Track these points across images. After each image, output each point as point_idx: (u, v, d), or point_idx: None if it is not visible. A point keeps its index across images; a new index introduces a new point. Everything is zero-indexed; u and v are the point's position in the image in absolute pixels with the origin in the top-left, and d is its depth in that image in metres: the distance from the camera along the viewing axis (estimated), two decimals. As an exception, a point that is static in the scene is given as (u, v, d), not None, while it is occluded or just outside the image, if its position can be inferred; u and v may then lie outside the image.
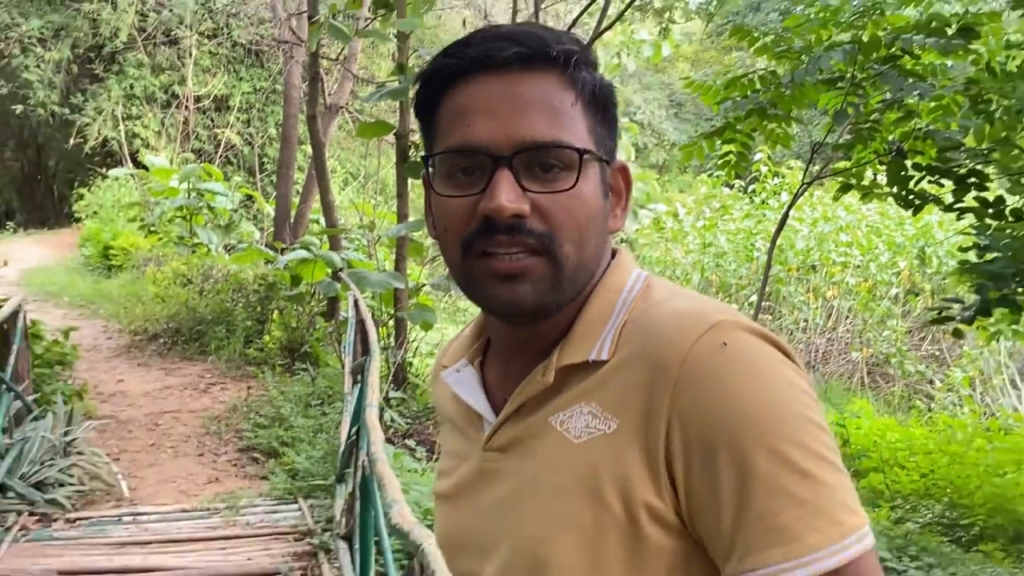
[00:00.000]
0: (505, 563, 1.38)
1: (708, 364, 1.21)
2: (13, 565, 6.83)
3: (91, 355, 12.58)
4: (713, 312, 1.27)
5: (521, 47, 1.33)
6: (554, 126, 1.32)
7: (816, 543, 1.13)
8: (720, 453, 1.18)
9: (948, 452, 11.72)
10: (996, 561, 9.15)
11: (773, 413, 1.19)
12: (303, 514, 7.82)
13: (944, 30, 9.66)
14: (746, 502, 1.16)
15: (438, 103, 1.39)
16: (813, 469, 1.16)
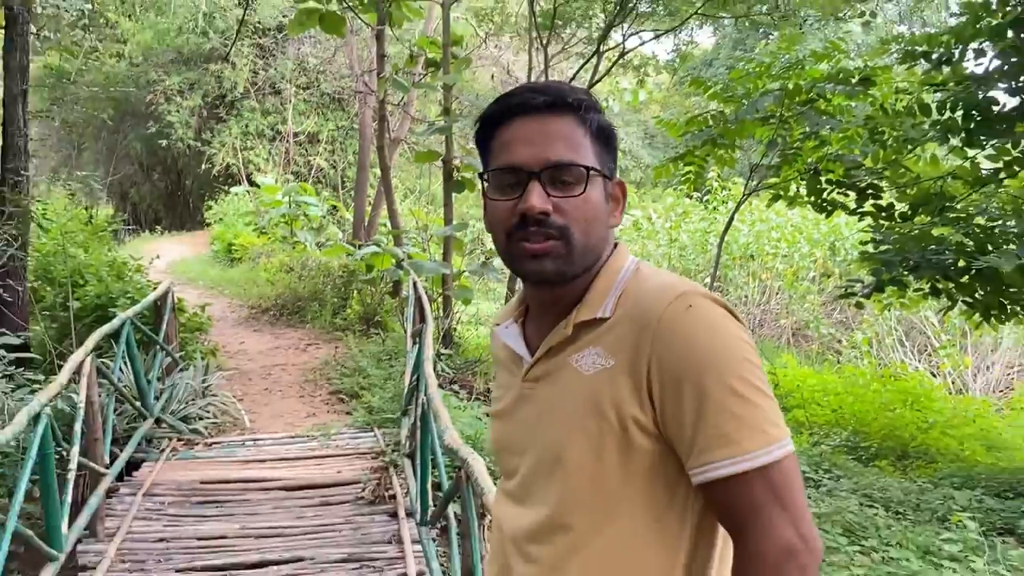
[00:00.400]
0: (536, 459, 1.47)
1: (677, 321, 1.30)
2: (167, 477, 6.86)
3: (220, 324, 12.62)
4: (681, 285, 1.37)
5: (548, 96, 1.44)
6: (570, 151, 1.41)
7: (750, 447, 1.22)
8: (684, 383, 1.27)
9: (852, 393, 11.79)
10: (887, 473, 9.28)
11: (722, 356, 1.28)
12: (377, 439, 7.84)
13: (849, 80, 9.68)
14: (701, 417, 1.25)
15: (492, 136, 1.50)
16: (750, 395, 1.26)
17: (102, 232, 13.61)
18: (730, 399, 1.25)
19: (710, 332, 1.31)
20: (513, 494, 1.55)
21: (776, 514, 1.24)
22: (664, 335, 1.31)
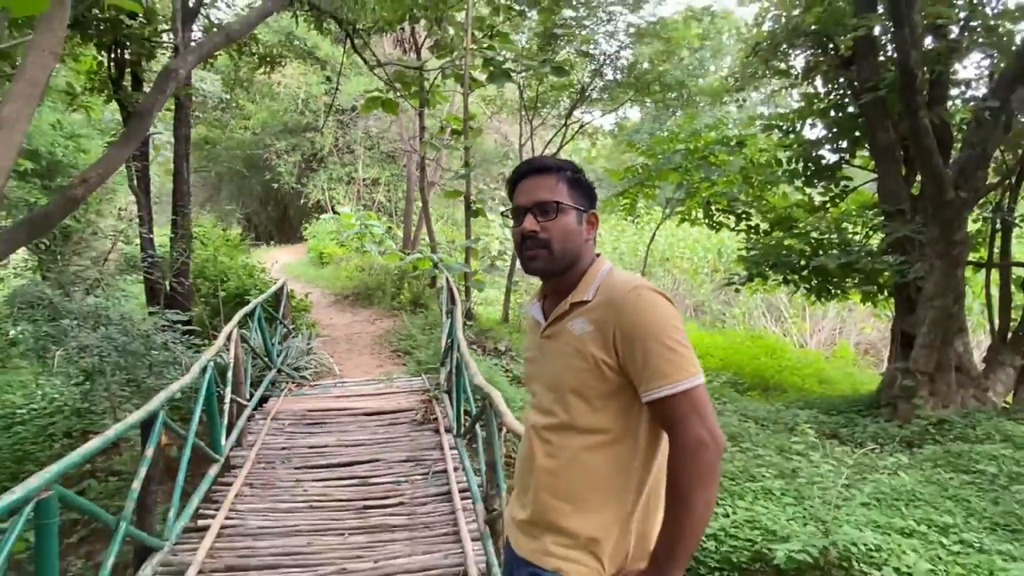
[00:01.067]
0: (546, 384, 1.56)
1: (630, 303, 1.41)
2: (286, 407, 6.87)
3: (316, 306, 12.60)
4: (635, 281, 1.46)
5: (540, 165, 1.60)
6: (548, 194, 1.53)
7: (677, 378, 1.33)
8: (636, 340, 1.38)
9: (732, 348, 11.88)
10: (756, 399, 9.38)
11: (657, 324, 1.38)
12: (424, 381, 7.80)
13: (729, 143, 9.80)
14: (647, 361, 1.36)
15: (513, 190, 1.60)
16: (676, 348, 1.36)
17: (237, 245, 13.67)
18: (664, 350, 1.35)
19: (650, 310, 1.40)
20: (535, 405, 1.61)
21: (694, 420, 1.32)
22: (623, 311, 1.41)
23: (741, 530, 5.32)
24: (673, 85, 12.30)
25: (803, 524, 5.34)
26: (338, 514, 4.45)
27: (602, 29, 11.80)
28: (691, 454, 1.32)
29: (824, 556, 4.93)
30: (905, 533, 5.26)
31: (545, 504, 1.52)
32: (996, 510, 5.52)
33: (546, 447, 1.54)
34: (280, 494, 4.77)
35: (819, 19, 8.63)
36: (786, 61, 9.82)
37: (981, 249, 8.59)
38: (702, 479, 1.32)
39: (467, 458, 4.99)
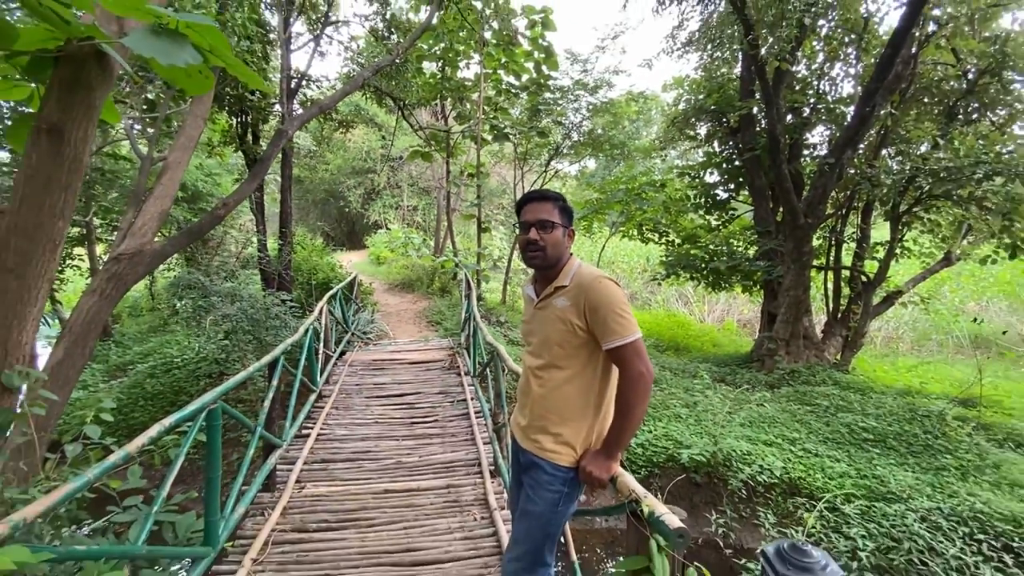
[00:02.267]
0: (539, 339, 1.61)
1: (594, 287, 1.48)
2: (357, 358, 6.81)
3: (376, 291, 12.50)
4: (597, 272, 1.52)
5: (542, 195, 1.60)
6: (546, 215, 1.56)
7: (623, 335, 1.42)
8: (598, 311, 1.45)
9: (655, 322, 11.90)
10: (671, 357, 9.40)
11: (610, 301, 1.45)
12: (450, 341, 7.79)
13: (655, 185, 9.80)
14: (605, 324, 1.44)
15: (520, 211, 1.63)
16: (623, 316, 1.44)
17: (322, 250, 13.66)
18: (616, 317, 1.43)
19: (607, 291, 1.46)
20: (530, 352, 1.65)
21: (636, 360, 1.42)
22: (590, 293, 1.47)
23: (660, 441, 5.46)
24: (617, 144, 12.33)
25: (700, 437, 5.50)
26: (393, 427, 4.53)
27: (571, 106, 11.84)
28: (634, 381, 1.42)
29: (714, 458, 5.11)
30: (767, 443, 5.41)
31: (538, 416, 1.58)
32: (827, 429, 5.68)
33: (537, 380, 1.60)
34: (355, 414, 4.84)
35: (716, 101, 8.72)
36: (694, 129, 9.90)
37: (822, 257, 8.75)
38: (641, 396, 1.42)
39: (480, 391, 5.04)
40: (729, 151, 9.39)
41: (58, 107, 2.12)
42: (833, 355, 7.90)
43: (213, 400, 2.31)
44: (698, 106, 9.12)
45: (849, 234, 8.49)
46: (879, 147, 7.59)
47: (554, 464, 1.53)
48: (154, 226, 4.14)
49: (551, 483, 1.52)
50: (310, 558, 2.60)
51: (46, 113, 2.09)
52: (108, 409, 2.51)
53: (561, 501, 1.52)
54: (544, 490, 1.53)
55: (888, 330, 11.61)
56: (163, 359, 7.62)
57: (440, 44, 10.35)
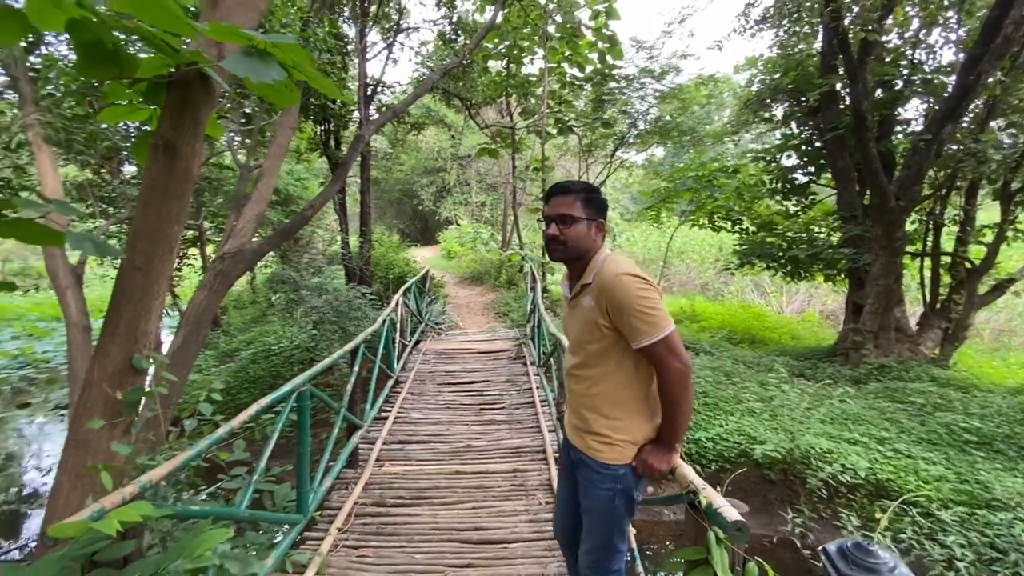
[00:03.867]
0: (571, 338, 1.58)
1: (614, 286, 1.39)
2: (430, 347, 7.01)
3: (447, 284, 12.78)
4: (621, 267, 1.43)
5: (564, 188, 1.52)
6: (567, 209, 1.48)
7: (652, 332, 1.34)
8: (621, 311, 1.37)
9: (729, 314, 11.37)
10: (745, 349, 8.95)
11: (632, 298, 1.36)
12: (516, 332, 7.86)
13: (727, 171, 9.29)
14: (630, 324, 1.36)
15: (545, 203, 1.56)
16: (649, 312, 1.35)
17: (398, 246, 14.25)
18: (641, 315, 1.35)
19: (628, 288, 1.37)
20: (568, 349, 1.62)
21: (668, 356, 1.34)
22: (609, 292, 1.39)
23: (731, 436, 5.23)
24: (687, 131, 11.80)
25: (775, 433, 5.19)
26: (463, 412, 4.66)
27: (636, 94, 11.46)
28: (671, 378, 1.35)
29: (790, 455, 4.81)
30: (851, 442, 5.02)
31: (582, 415, 1.54)
32: (922, 429, 5.16)
33: (574, 379, 1.56)
34: (428, 399, 5.02)
35: (794, 80, 8.07)
36: (769, 111, 9.25)
37: (918, 243, 7.88)
38: (681, 391, 1.35)
39: (544, 380, 5.06)
40: (809, 132, 8.68)
41: (171, 125, 2.38)
42: (930, 349, 7.12)
43: (302, 383, 2.51)
44: (774, 86, 8.49)
45: (950, 216, 7.58)
46: (986, 119, 6.68)
47: (600, 463, 1.50)
48: (252, 227, 4.52)
49: (601, 481, 1.49)
50: (388, 530, 2.76)
51: (161, 131, 2.35)
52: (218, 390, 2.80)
53: (616, 497, 1.48)
54: (595, 488, 1.51)
55: (999, 322, 10.28)
56: (262, 347, 8.28)
57: (505, 42, 10.38)
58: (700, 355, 7.75)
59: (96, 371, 2.23)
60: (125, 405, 2.26)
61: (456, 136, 15.71)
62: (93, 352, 2.29)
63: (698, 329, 10.53)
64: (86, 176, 7.16)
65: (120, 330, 2.32)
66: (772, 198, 9.47)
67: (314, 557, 2.40)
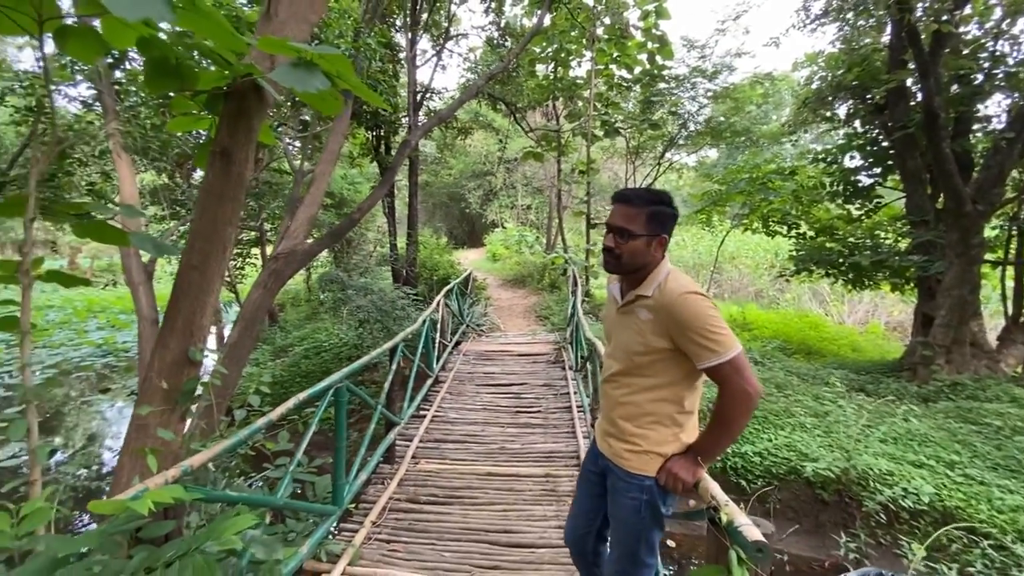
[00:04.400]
0: (616, 344, 1.53)
1: (680, 305, 1.34)
2: (470, 348, 7.06)
3: (490, 286, 12.81)
4: (686, 286, 1.38)
5: (629, 197, 1.46)
6: (626, 223, 1.43)
7: (720, 351, 1.29)
8: (686, 331, 1.32)
9: (783, 322, 10.83)
10: (800, 360, 8.51)
11: (699, 318, 1.31)
12: (556, 335, 7.77)
13: (783, 173, 8.87)
14: (696, 345, 1.31)
15: (613, 205, 1.50)
16: (716, 332, 1.30)
17: (444, 248, 14.51)
18: (707, 335, 1.30)
19: (694, 308, 1.33)
20: (609, 354, 1.58)
21: (736, 378, 1.29)
22: (674, 311, 1.34)
23: (780, 451, 4.99)
24: (740, 132, 11.36)
25: (830, 451, 4.90)
26: (500, 414, 4.67)
27: (686, 95, 11.14)
28: (734, 400, 1.30)
29: (845, 474, 4.52)
30: (916, 465, 4.66)
31: (615, 422, 1.51)
32: (999, 454, 4.71)
33: (613, 384, 1.52)
34: (466, 399, 5.07)
35: (858, 76, 7.58)
36: (830, 109, 8.73)
37: (998, 250, 7.20)
38: (742, 414, 1.31)
39: (581, 385, 5.00)
40: (875, 131, 8.13)
41: (227, 133, 2.53)
42: (1012, 367, 6.48)
43: (339, 380, 2.60)
44: (836, 83, 8.01)
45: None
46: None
47: (627, 471, 1.47)
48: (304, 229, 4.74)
49: (627, 490, 1.46)
50: (419, 527, 2.82)
51: (218, 139, 2.51)
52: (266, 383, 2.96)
53: (643, 508, 1.44)
54: (622, 496, 1.48)
55: (1100, 339, 9.21)
56: (314, 343, 8.64)
57: (552, 46, 10.38)
58: (749, 365, 7.44)
59: (156, 361, 2.41)
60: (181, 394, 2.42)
61: (503, 140, 15.80)
62: (154, 344, 2.48)
63: (749, 338, 10.08)
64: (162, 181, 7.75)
65: (178, 324, 2.49)
66: (832, 201, 8.95)
67: (347, 548, 2.48)
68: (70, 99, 5.60)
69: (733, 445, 5.25)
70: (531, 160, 12.67)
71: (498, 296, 12.11)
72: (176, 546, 1.02)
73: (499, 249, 17.61)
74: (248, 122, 2.63)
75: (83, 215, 1.78)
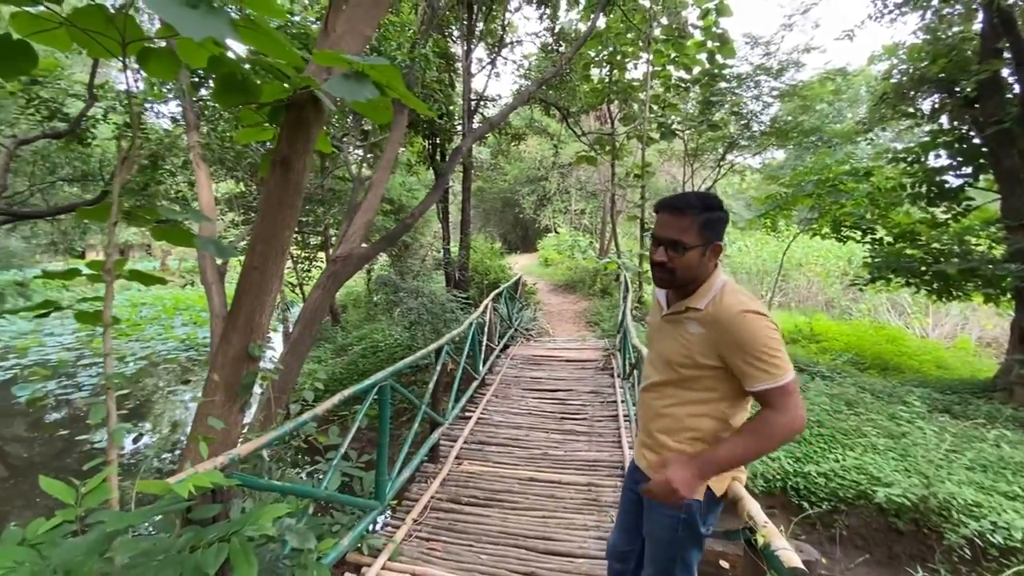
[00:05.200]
0: (658, 352, 1.46)
1: (736, 324, 1.26)
2: (518, 352, 7.09)
3: (540, 292, 12.81)
4: (743, 302, 1.29)
5: (679, 205, 1.36)
6: (679, 234, 1.33)
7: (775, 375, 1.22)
8: (739, 353, 1.25)
9: (856, 335, 10.07)
10: (874, 377, 7.89)
11: (756, 340, 1.24)
12: (606, 342, 7.65)
13: (857, 173, 8.28)
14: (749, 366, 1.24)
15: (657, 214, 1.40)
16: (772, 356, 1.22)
17: (496, 253, 14.65)
18: (762, 358, 1.23)
19: (751, 328, 1.25)
20: (650, 362, 1.52)
21: (785, 403, 1.22)
22: (729, 331, 1.27)
23: (848, 473, 4.64)
24: (809, 131, 10.69)
25: (907, 476, 4.48)
26: (545, 419, 4.63)
27: (749, 94, 10.64)
28: (775, 426, 1.22)
29: (923, 503, 4.11)
30: (1009, 496, 4.17)
31: (652, 434, 1.46)
32: (1116, 492, 4.11)
33: (652, 395, 1.47)
34: (512, 403, 5.08)
35: (945, 68, 6.93)
36: (913, 104, 8.03)
37: (1120, 258, 6.31)
38: (780, 439, 1.23)
39: (628, 393, 4.89)
40: (964, 127, 7.39)
41: (287, 143, 2.70)
42: None
43: (384, 378, 2.68)
44: (918, 76, 7.36)
45: None
46: None
47: None
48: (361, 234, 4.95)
49: (662, 506, 1.39)
50: (458, 528, 2.84)
51: (278, 148, 2.67)
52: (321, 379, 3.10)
53: (680, 527, 1.37)
54: (657, 512, 1.42)
55: None
56: (371, 343, 8.99)
57: (607, 49, 10.26)
58: (815, 379, 6.97)
59: (219, 356, 2.59)
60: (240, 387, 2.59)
61: (557, 144, 15.79)
62: (218, 340, 2.67)
63: (817, 350, 9.45)
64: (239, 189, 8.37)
65: (240, 322, 2.67)
66: (914, 204, 8.21)
67: (388, 543, 2.54)
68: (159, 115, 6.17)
69: (795, 464, 4.93)
70: (584, 164, 12.56)
71: (548, 301, 12.03)
72: (218, 528, 1.09)
73: (551, 254, 17.52)
74: (306, 132, 2.79)
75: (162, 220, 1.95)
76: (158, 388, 9.44)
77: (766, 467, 4.83)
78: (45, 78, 5.73)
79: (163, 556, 1.00)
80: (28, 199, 7.72)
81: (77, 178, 7.61)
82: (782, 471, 4.80)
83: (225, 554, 1.00)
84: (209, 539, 1.05)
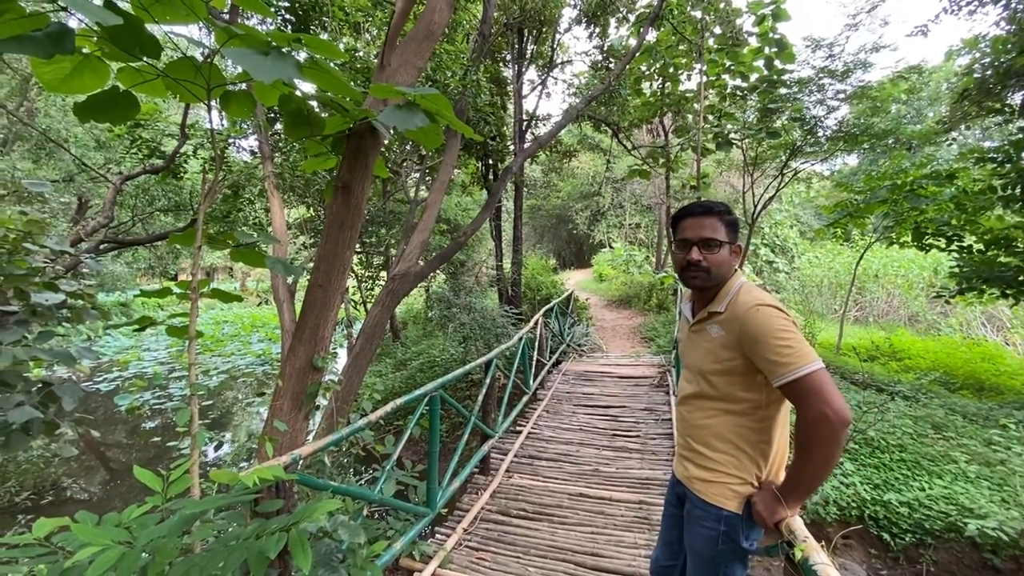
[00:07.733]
0: (689, 364, 1.48)
1: (751, 317, 1.27)
2: (570, 368, 7.04)
3: (594, 307, 12.70)
4: (759, 298, 1.31)
5: (704, 208, 1.42)
6: (712, 233, 1.39)
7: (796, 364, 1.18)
8: (757, 344, 1.24)
9: (945, 352, 9.19)
10: (966, 398, 7.15)
11: (771, 330, 1.22)
12: (661, 359, 7.51)
13: (939, 176, 7.67)
14: (768, 358, 1.22)
15: (679, 224, 1.46)
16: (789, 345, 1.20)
17: (549, 269, 14.70)
18: (780, 347, 1.20)
19: (761, 320, 1.25)
20: (683, 375, 1.52)
21: (814, 398, 1.16)
22: (746, 324, 1.28)
23: (936, 503, 4.25)
24: (883, 134, 10.00)
25: (1004, 507, 4.03)
26: (596, 436, 4.59)
27: (811, 99, 10.13)
28: (811, 424, 1.17)
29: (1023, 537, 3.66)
30: None
31: (691, 447, 1.45)
32: None
33: (687, 407, 1.47)
34: (563, 418, 5.05)
35: (1037, 58, 6.33)
36: (999, 100, 7.35)
37: None
38: (821, 441, 1.16)
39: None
40: (1065, 121, 6.65)
41: (347, 169, 2.92)
42: None
43: (434, 388, 2.79)
44: (1004, 69, 6.75)
45: None
46: None
47: (704, 500, 1.39)
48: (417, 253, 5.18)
49: (703, 519, 1.38)
50: (507, 539, 2.87)
51: (340, 175, 2.90)
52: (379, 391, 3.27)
53: (720, 541, 1.34)
54: (698, 526, 1.39)
55: None
56: (428, 358, 9.27)
57: (657, 63, 10.17)
58: (896, 399, 6.42)
59: (287, 366, 2.80)
60: (305, 395, 2.79)
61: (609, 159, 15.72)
62: (287, 351, 2.89)
63: (899, 369, 8.69)
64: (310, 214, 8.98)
65: (305, 335, 2.88)
66: (1007, 207, 7.44)
67: (439, 551, 2.61)
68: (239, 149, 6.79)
69: (873, 491, 4.55)
70: (637, 178, 12.39)
71: (602, 317, 11.90)
72: (280, 520, 1.20)
73: (606, 269, 17.37)
74: (365, 159, 3.00)
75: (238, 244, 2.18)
76: (237, 400, 10.16)
77: (839, 493, 4.50)
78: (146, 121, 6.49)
79: (234, 542, 1.12)
80: (131, 228, 8.69)
81: (172, 208, 8.50)
82: (858, 498, 4.45)
83: (284, 542, 1.10)
84: (272, 529, 1.15)
